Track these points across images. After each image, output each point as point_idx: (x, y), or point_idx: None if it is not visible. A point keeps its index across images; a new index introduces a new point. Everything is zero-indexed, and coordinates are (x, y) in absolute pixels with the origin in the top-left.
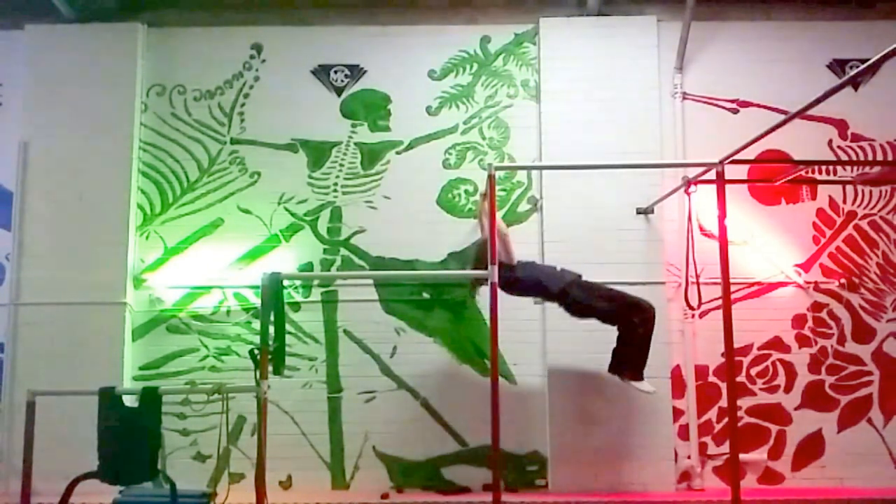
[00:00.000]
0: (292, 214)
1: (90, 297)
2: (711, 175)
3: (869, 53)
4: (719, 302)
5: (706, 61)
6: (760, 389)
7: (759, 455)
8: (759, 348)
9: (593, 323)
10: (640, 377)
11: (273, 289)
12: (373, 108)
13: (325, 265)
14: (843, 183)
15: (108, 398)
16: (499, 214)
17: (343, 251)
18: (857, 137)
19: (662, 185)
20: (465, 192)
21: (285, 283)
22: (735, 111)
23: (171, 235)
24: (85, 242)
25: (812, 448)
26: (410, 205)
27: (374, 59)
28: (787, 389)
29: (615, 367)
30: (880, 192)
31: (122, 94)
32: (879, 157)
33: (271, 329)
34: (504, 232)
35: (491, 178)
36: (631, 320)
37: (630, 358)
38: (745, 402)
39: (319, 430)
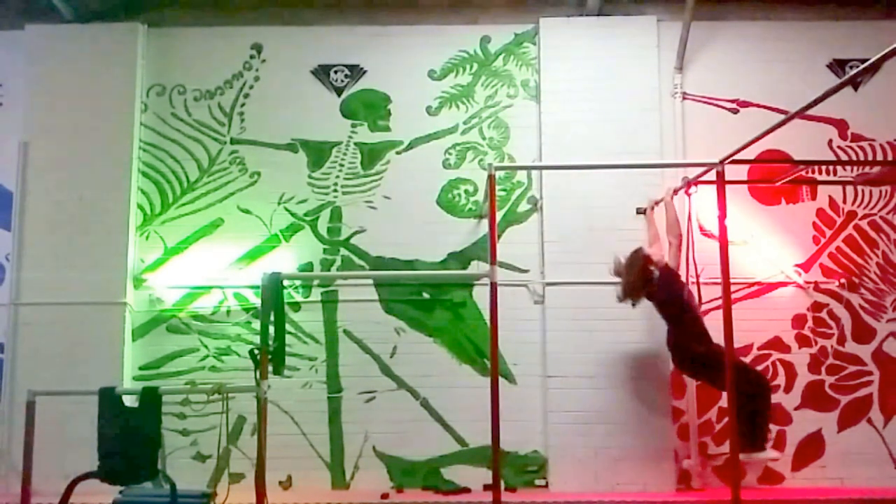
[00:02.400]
0: (292, 214)
1: (90, 297)
2: (711, 175)
3: (869, 53)
4: (719, 302)
5: (706, 61)
6: None
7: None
8: (759, 348)
9: (593, 323)
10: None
11: (273, 289)
12: (373, 108)
13: (325, 265)
14: (843, 183)
15: (108, 398)
16: (499, 214)
17: (343, 251)
18: (857, 137)
19: (662, 185)
20: (465, 192)
21: (285, 283)
22: (735, 111)
23: (171, 235)
24: (85, 242)
25: (812, 448)
26: (410, 205)
27: (374, 59)
28: (787, 389)
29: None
30: (880, 192)
31: (122, 94)
32: (879, 157)
33: (271, 329)
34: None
35: (491, 178)
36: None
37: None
38: None
39: (319, 430)
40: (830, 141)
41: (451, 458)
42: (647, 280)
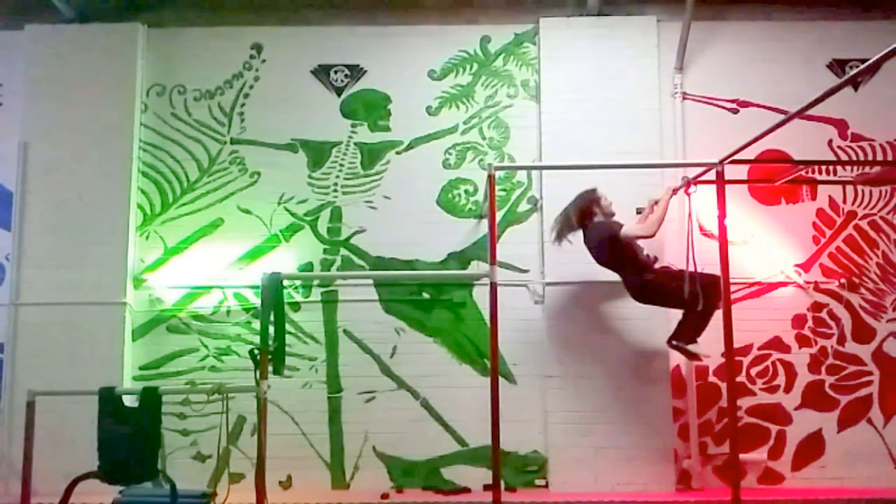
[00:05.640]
0: (292, 214)
1: (90, 297)
2: (711, 175)
3: (869, 53)
4: (719, 302)
5: (706, 61)
6: (760, 389)
7: (759, 455)
8: (759, 348)
9: (593, 323)
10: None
11: (273, 289)
12: (373, 108)
13: (325, 265)
14: (843, 183)
15: (108, 398)
16: (499, 214)
17: (343, 251)
18: (857, 137)
19: (662, 185)
20: (465, 192)
21: (285, 283)
22: (735, 111)
23: (171, 235)
24: (85, 242)
25: (812, 448)
26: (410, 205)
27: (374, 59)
28: (787, 389)
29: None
30: (880, 192)
31: (122, 94)
32: (879, 157)
33: (271, 329)
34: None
35: (491, 178)
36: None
37: (698, 327)
38: (745, 402)
39: (319, 430)
40: (830, 141)
41: (451, 458)
42: (582, 219)
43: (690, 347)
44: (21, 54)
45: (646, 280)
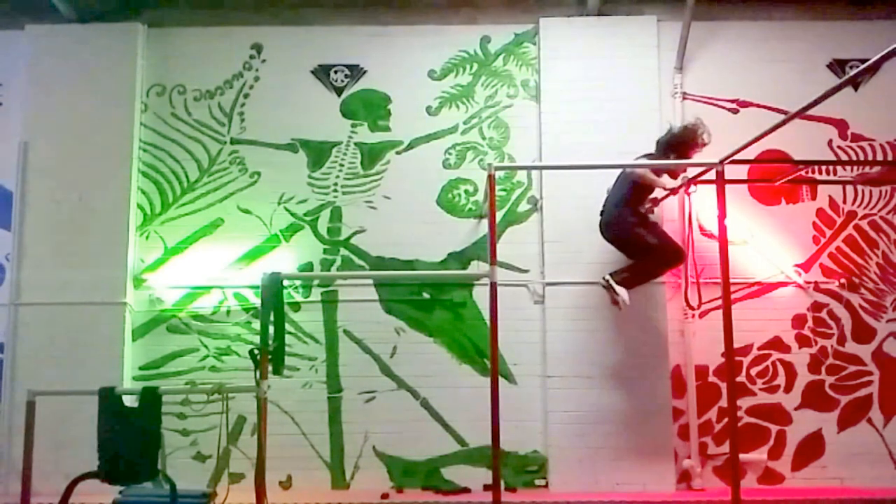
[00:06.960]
0: (292, 214)
1: (90, 297)
2: (711, 175)
3: (869, 53)
4: (719, 302)
5: (706, 61)
6: (760, 389)
7: (759, 455)
8: (759, 348)
9: (593, 323)
10: (628, 288)
11: (273, 289)
12: (373, 108)
13: (325, 265)
14: (843, 183)
15: (108, 398)
16: (499, 214)
17: (343, 251)
18: (857, 137)
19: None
20: (465, 192)
21: (285, 283)
22: (735, 111)
23: (171, 235)
24: (85, 242)
25: (812, 448)
26: (410, 205)
27: (374, 59)
28: (787, 389)
29: (615, 274)
30: (880, 192)
31: (122, 94)
32: (879, 157)
33: (271, 329)
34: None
35: (491, 178)
36: (665, 260)
37: (636, 277)
38: (745, 402)
39: (319, 430)
40: (830, 141)
41: (451, 458)
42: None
43: (621, 291)
44: (21, 54)
45: (626, 220)
